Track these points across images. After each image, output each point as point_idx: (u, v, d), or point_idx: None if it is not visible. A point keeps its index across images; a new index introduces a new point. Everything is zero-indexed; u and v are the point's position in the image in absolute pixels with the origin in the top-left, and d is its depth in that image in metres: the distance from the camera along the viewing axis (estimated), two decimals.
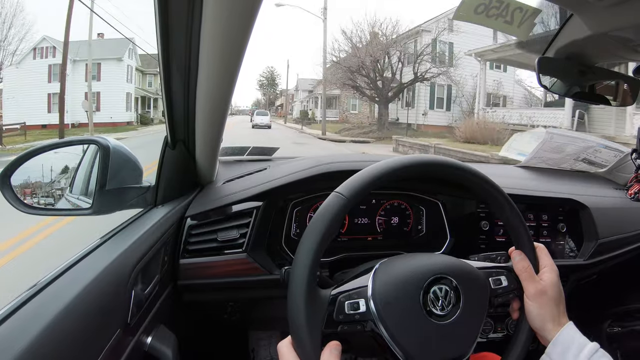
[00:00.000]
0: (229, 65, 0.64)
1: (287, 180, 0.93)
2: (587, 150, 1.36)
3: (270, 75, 56.31)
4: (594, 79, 0.92)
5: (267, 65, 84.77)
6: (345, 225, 1.03)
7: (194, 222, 0.87)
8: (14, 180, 0.69)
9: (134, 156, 0.80)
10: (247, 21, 0.55)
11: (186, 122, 0.80)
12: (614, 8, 0.66)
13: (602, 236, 1.05)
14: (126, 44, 20.30)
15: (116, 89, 20.38)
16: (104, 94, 19.85)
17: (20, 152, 0.73)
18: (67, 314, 0.46)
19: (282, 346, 0.50)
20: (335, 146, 13.36)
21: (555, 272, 0.59)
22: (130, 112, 21.66)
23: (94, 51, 17.00)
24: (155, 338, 0.67)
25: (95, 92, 18.67)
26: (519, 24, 0.79)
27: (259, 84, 57.63)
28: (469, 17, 0.78)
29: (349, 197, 0.52)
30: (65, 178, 0.83)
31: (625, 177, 1.29)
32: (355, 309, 0.52)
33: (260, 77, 57.50)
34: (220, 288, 0.89)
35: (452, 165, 0.59)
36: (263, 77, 56.96)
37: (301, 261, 0.50)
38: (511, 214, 0.60)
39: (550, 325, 0.56)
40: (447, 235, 1.01)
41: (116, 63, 20.66)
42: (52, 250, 3.02)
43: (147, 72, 24.42)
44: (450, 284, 0.54)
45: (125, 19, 39.85)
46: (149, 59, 22.71)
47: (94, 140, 0.77)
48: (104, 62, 19.95)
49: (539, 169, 1.40)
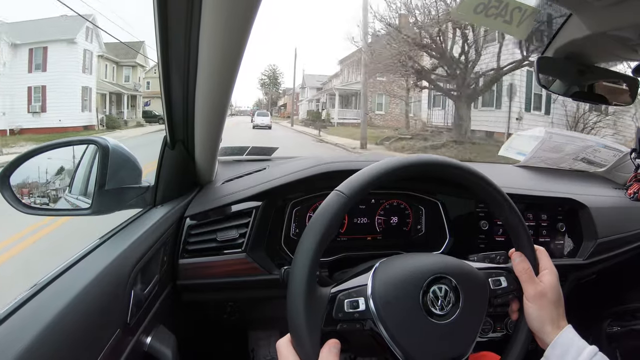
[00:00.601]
0: (229, 65, 0.64)
1: (287, 180, 0.93)
2: (586, 150, 1.36)
3: (273, 73, 52.88)
4: (593, 79, 0.92)
5: (269, 64, 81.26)
6: (344, 225, 1.03)
7: (193, 222, 0.87)
8: (13, 180, 0.69)
9: (133, 156, 0.80)
10: (246, 21, 0.55)
11: (185, 122, 0.80)
12: (612, 8, 0.66)
13: (601, 236, 1.05)
14: (81, 23, 14.72)
15: (67, 83, 14.87)
16: (51, 88, 14.39)
17: None
18: (67, 313, 0.46)
19: (281, 344, 0.50)
20: None
21: (555, 274, 0.59)
22: (88, 112, 16.01)
23: (39, 31, 13.25)
24: (154, 338, 0.67)
25: (40, 87, 14.16)
26: (518, 23, 0.79)
27: (261, 83, 54.64)
28: (468, 16, 0.78)
29: (350, 196, 0.52)
30: (64, 178, 0.83)
31: (625, 177, 1.29)
32: (354, 308, 0.52)
33: (262, 76, 54.23)
34: (220, 288, 0.89)
35: (451, 164, 0.59)
36: (265, 76, 53.60)
37: (302, 257, 0.50)
38: (510, 214, 0.60)
39: (549, 328, 0.56)
40: (446, 235, 1.01)
41: (67, 47, 14.98)
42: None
43: (124, 64, 20.04)
44: (450, 283, 0.54)
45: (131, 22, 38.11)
46: (127, 49, 18.87)
47: (93, 140, 0.77)
48: (51, 45, 14.54)
49: (538, 168, 1.40)
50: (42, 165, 0.76)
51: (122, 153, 0.77)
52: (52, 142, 0.75)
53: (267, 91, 54.29)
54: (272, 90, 52.67)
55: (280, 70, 54.57)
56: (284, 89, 51.29)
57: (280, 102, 51.54)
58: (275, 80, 52.85)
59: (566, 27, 0.81)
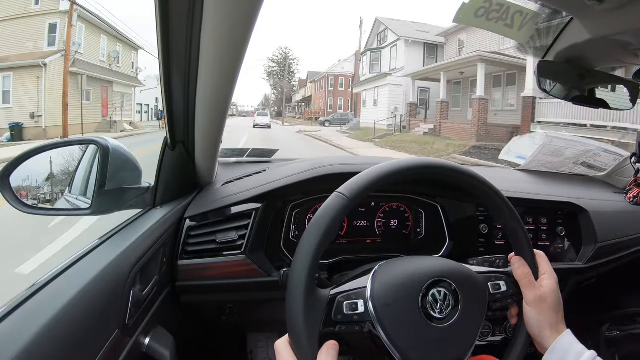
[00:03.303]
0: (230, 65, 0.64)
1: (286, 182, 0.93)
2: (586, 154, 1.36)
3: (284, 59, 39.60)
4: (593, 83, 0.92)
5: (279, 47, 61.08)
6: (344, 228, 1.03)
7: (193, 224, 0.87)
8: (13, 180, 0.69)
9: (133, 156, 0.80)
10: (248, 22, 0.55)
11: (186, 123, 0.80)
12: (613, 12, 0.66)
13: (601, 240, 1.05)
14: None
15: None
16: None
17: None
18: (65, 314, 0.46)
19: (279, 345, 0.50)
20: None
21: (555, 279, 0.59)
22: None
23: None
24: (153, 339, 0.67)
25: None
26: (519, 27, 0.79)
27: (268, 72, 41.61)
28: (469, 20, 0.78)
29: (350, 198, 0.52)
30: (63, 178, 0.83)
31: (625, 181, 1.29)
32: (353, 310, 0.52)
33: (270, 63, 40.67)
34: (219, 289, 0.89)
35: (452, 168, 0.59)
36: (274, 62, 40.27)
37: (301, 259, 0.50)
38: (510, 218, 0.60)
39: (548, 332, 0.56)
40: (446, 239, 1.01)
41: None
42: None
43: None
44: (449, 287, 0.54)
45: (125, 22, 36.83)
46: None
47: (93, 140, 0.77)
48: None
49: (538, 172, 1.40)
50: (42, 164, 0.76)
51: (123, 153, 0.77)
52: (52, 142, 0.75)
53: (276, 83, 41.54)
54: (284, 81, 39.37)
55: (293, 55, 39.95)
56: (299, 79, 38.35)
57: (298, 97, 38.38)
58: (288, 69, 39.95)
59: (567, 31, 0.81)
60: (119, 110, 18.20)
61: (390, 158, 0.76)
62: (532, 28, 0.80)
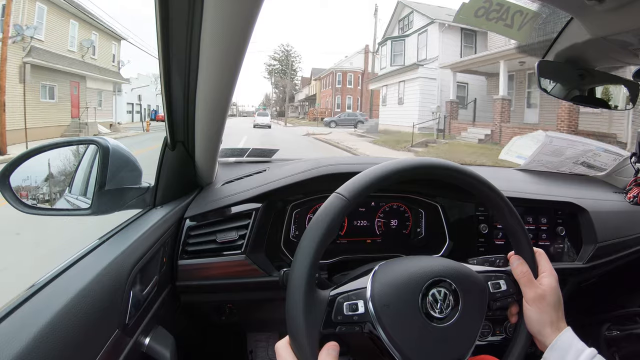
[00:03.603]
0: (230, 66, 0.64)
1: (287, 182, 0.93)
2: (586, 154, 1.36)
3: (286, 57, 39.03)
4: (593, 83, 0.92)
5: (281, 44, 59.70)
6: (344, 228, 1.03)
7: (193, 223, 0.87)
8: (13, 180, 0.69)
9: (133, 156, 0.80)
10: (248, 21, 0.55)
11: (186, 123, 0.80)
12: (613, 12, 0.66)
13: (601, 239, 1.05)
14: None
15: None
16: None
17: None
18: (65, 314, 0.46)
19: (279, 346, 0.50)
20: None
21: (555, 277, 0.59)
22: None
23: None
24: (153, 339, 0.67)
25: None
26: (519, 27, 0.79)
27: (269, 70, 41.14)
28: (469, 20, 0.78)
29: (350, 198, 0.52)
30: (63, 178, 0.83)
31: (625, 181, 1.29)
32: (353, 310, 0.52)
33: (271, 61, 40.19)
34: (219, 289, 0.89)
35: (451, 168, 0.59)
36: (275, 60, 39.60)
37: (301, 259, 0.50)
38: (510, 217, 0.60)
39: (548, 330, 0.56)
40: (446, 238, 1.01)
41: None
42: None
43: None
44: (449, 287, 0.54)
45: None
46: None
47: (93, 140, 0.77)
48: None
49: (538, 172, 1.40)
50: (42, 164, 0.76)
51: (123, 153, 0.77)
52: (52, 142, 0.75)
53: (277, 81, 40.95)
54: (286, 79, 38.20)
55: (295, 52, 39.19)
56: (302, 77, 37.51)
57: (301, 95, 37.88)
58: (291, 67, 38.87)
59: (567, 31, 0.81)
60: (94, 110, 15.17)
61: (391, 159, 0.76)
62: (531, 28, 0.80)
